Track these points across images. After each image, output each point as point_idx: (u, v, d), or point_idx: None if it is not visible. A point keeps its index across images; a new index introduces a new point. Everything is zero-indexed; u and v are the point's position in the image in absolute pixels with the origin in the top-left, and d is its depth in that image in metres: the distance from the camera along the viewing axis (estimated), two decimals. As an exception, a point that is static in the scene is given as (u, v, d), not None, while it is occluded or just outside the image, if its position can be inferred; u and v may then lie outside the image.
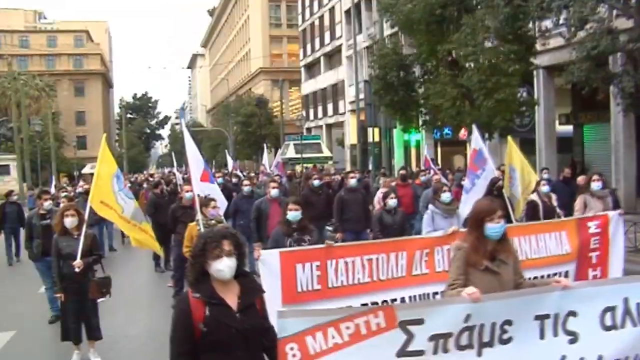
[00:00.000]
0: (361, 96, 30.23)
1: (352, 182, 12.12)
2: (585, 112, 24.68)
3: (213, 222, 8.25)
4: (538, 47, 19.20)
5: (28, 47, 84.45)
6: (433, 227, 8.44)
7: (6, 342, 8.83)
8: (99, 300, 7.80)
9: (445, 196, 8.78)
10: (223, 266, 3.53)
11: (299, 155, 39.54)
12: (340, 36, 48.60)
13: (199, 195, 8.51)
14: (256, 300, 3.71)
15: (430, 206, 8.90)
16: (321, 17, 53.92)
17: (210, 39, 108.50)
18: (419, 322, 3.76)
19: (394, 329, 3.72)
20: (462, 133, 35.25)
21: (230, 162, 29.84)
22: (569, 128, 26.14)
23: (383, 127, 27.94)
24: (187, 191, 11.14)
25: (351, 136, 47.72)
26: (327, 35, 52.45)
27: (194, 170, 8.73)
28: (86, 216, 7.86)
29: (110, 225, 16.40)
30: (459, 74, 18.99)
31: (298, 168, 36.81)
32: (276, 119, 58.26)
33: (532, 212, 10.56)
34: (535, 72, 21.66)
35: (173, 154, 35.62)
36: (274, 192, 10.90)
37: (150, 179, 31.46)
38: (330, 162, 45.21)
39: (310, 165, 37.86)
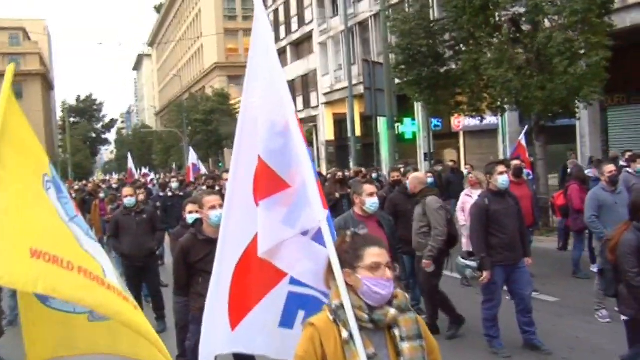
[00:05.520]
0: (339, 86, 25.54)
1: (502, 180, 6.82)
2: (610, 94, 20.37)
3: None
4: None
5: (-44, 46, 77.37)
6: None
7: None
8: None
9: None
10: None
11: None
12: (311, 21, 43.54)
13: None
14: None
15: None
16: (286, 2, 48.87)
17: (158, 37, 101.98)
18: None
19: None
20: (456, 124, 31.13)
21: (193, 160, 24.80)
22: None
23: (389, 115, 23.16)
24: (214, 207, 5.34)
25: (327, 131, 42.92)
26: (294, 21, 47.42)
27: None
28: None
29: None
30: (520, 36, 14.53)
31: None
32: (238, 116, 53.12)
33: None
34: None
35: (129, 154, 30.53)
36: (372, 204, 5.90)
37: (102, 185, 25.84)
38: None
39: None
